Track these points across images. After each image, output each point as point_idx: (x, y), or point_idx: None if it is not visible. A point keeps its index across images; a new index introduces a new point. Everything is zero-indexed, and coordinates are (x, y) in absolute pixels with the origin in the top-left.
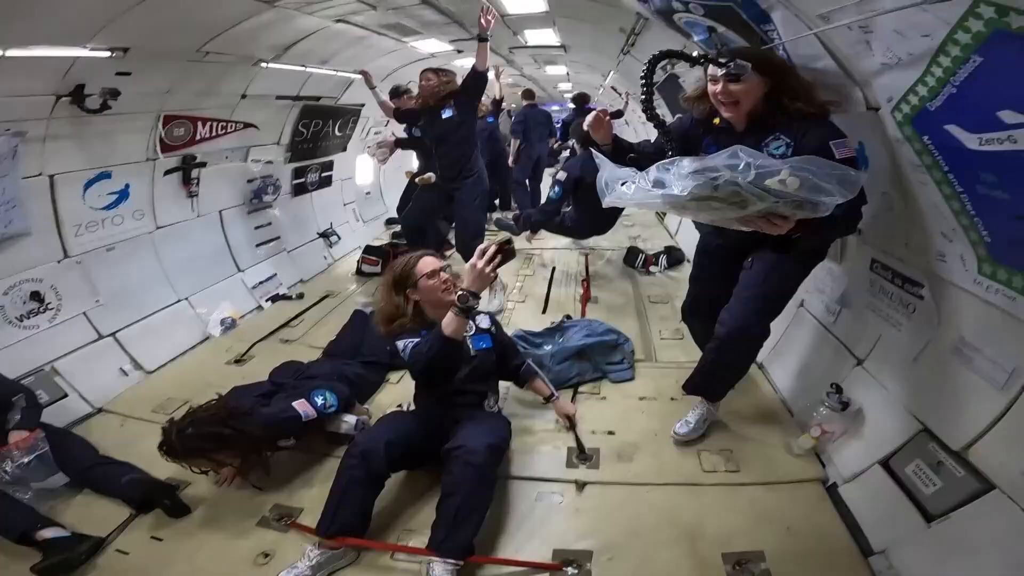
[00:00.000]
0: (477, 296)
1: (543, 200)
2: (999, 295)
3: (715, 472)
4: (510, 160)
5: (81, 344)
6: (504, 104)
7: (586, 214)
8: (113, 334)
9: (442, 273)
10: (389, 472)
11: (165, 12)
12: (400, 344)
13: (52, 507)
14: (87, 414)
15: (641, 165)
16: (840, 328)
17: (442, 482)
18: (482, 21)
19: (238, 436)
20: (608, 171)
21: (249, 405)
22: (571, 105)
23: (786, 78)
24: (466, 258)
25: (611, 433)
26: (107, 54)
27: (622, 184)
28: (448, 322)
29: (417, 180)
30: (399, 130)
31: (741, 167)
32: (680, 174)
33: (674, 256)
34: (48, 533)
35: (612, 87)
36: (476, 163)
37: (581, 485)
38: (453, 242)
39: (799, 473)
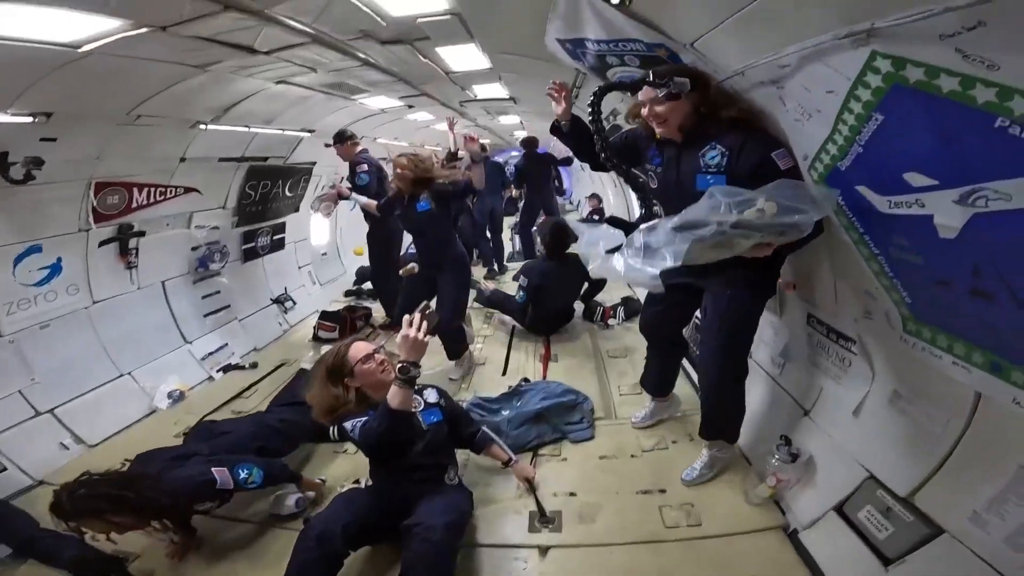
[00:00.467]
0: (417, 365)
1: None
2: (926, 353)
3: (677, 527)
4: None
5: (18, 421)
6: (460, 154)
7: (544, 316)
8: (51, 410)
9: (376, 355)
10: (348, 552)
11: (88, 75)
12: (348, 425)
13: None
14: (28, 486)
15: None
16: (786, 380)
17: (401, 558)
18: (467, 149)
19: (139, 500)
20: (587, 236)
21: (157, 470)
22: (522, 150)
23: (707, 91)
24: (444, 339)
25: (572, 494)
26: (29, 119)
27: (609, 251)
28: (394, 395)
29: (401, 272)
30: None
31: (722, 209)
32: (666, 230)
33: (631, 307)
34: None
35: None
36: (455, 248)
37: (544, 550)
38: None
39: (760, 522)
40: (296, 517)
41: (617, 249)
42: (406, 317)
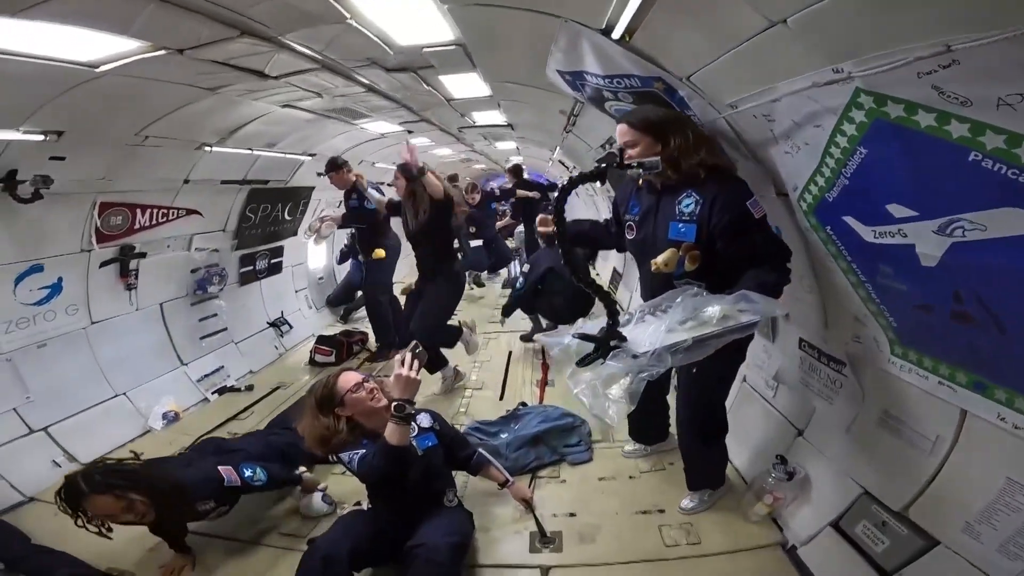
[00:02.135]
0: (412, 402)
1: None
2: (912, 374)
3: (677, 546)
4: None
5: (10, 439)
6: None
7: (567, 301)
8: (45, 428)
9: (366, 384)
10: (352, 574)
11: (101, 95)
12: (345, 457)
13: None
14: (18, 502)
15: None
16: (780, 401)
17: None
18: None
19: (150, 479)
20: (556, 349)
21: (171, 466)
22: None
23: (680, 139)
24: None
25: (572, 515)
26: (40, 137)
27: (579, 362)
28: (391, 433)
29: (402, 291)
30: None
31: (672, 325)
32: (628, 357)
33: None
34: None
35: (560, 161)
36: (447, 261)
37: (546, 570)
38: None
39: (759, 539)
40: (330, 515)
41: (588, 360)
42: (397, 356)
